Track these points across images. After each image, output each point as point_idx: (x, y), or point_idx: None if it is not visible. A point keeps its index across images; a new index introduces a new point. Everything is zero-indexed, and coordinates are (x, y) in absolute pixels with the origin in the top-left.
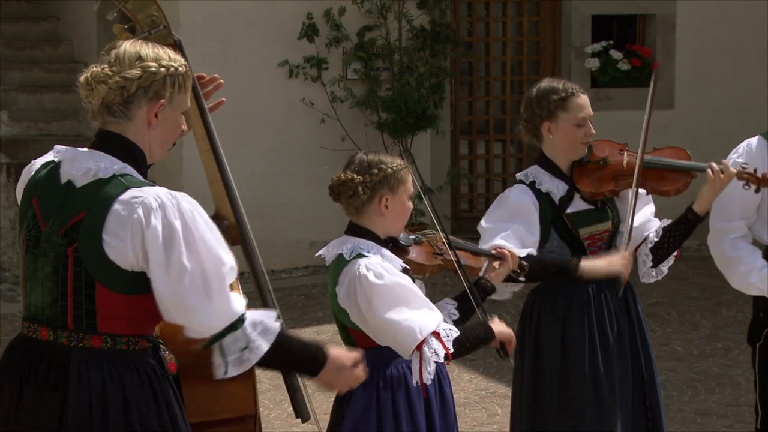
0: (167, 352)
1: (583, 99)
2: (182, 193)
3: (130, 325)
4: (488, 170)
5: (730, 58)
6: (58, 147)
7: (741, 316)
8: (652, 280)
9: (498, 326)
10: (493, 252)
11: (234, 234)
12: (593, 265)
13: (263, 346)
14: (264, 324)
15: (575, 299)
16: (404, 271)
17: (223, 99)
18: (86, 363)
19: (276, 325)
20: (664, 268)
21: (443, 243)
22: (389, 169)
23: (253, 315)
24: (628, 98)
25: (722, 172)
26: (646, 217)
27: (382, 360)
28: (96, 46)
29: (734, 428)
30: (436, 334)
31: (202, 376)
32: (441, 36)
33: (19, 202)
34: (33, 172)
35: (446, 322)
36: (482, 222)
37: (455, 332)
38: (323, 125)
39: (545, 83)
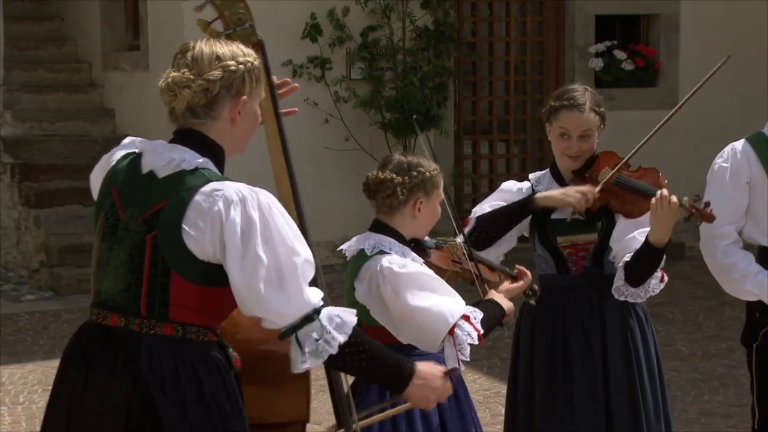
0: (232, 349)
1: (574, 114)
2: (261, 189)
3: (201, 316)
4: (491, 170)
5: (733, 58)
6: (137, 138)
7: (744, 316)
8: (639, 300)
9: (507, 303)
10: (514, 272)
11: None
12: (548, 193)
13: (339, 337)
14: (341, 317)
15: (548, 305)
16: None
17: (296, 109)
18: (158, 349)
19: (353, 319)
20: (650, 292)
21: (463, 254)
22: (427, 173)
23: (331, 309)
24: (631, 98)
25: (663, 204)
26: (631, 235)
27: None
28: (100, 46)
29: (738, 428)
30: (465, 317)
31: (259, 377)
32: (444, 36)
33: (94, 190)
34: (113, 162)
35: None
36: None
37: (480, 313)
38: (327, 125)
39: (567, 86)
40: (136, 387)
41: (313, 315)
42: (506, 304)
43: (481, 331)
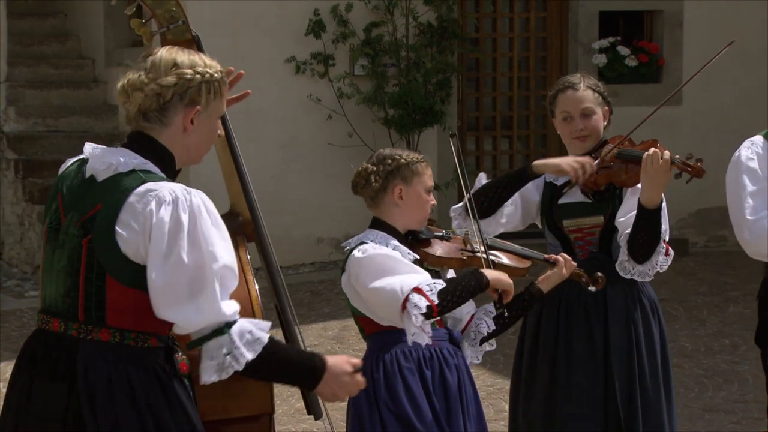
0: (180, 353)
1: (570, 94)
2: (197, 190)
3: (138, 321)
4: (495, 166)
5: (737, 54)
6: (90, 144)
7: (748, 313)
8: (648, 278)
9: (494, 273)
10: (546, 257)
11: (249, 230)
12: (545, 161)
13: (247, 354)
14: (252, 334)
15: (553, 292)
16: (415, 262)
17: (249, 91)
18: (93, 356)
19: (265, 336)
20: (657, 267)
21: (481, 243)
22: (402, 160)
23: (243, 324)
24: (635, 94)
25: (653, 160)
26: (633, 212)
27: (382, 345)
28: (103, 42)
29: (741, 424)
30: (417, 290)
31: None
32: (448, 32)
33: None
34: (63, 169)
35: (435, 282)
36: None
37: (440, 284)
38: (330, 121)
39: (567, 76)
40: (72, 393)
41: (224, 328)
42: (492, 275)
43: (435, 301)
